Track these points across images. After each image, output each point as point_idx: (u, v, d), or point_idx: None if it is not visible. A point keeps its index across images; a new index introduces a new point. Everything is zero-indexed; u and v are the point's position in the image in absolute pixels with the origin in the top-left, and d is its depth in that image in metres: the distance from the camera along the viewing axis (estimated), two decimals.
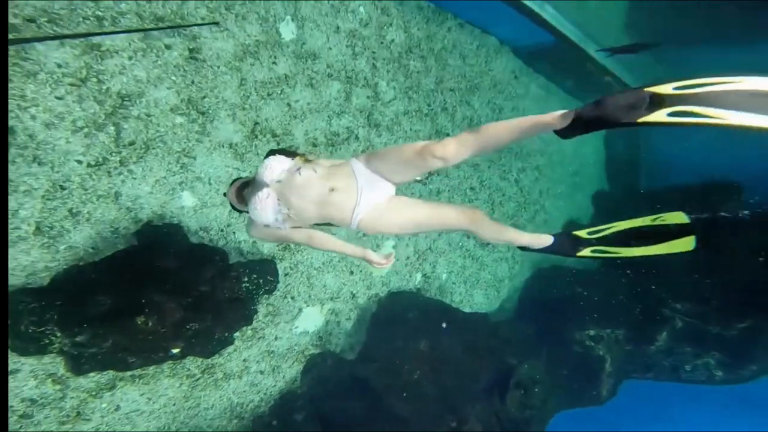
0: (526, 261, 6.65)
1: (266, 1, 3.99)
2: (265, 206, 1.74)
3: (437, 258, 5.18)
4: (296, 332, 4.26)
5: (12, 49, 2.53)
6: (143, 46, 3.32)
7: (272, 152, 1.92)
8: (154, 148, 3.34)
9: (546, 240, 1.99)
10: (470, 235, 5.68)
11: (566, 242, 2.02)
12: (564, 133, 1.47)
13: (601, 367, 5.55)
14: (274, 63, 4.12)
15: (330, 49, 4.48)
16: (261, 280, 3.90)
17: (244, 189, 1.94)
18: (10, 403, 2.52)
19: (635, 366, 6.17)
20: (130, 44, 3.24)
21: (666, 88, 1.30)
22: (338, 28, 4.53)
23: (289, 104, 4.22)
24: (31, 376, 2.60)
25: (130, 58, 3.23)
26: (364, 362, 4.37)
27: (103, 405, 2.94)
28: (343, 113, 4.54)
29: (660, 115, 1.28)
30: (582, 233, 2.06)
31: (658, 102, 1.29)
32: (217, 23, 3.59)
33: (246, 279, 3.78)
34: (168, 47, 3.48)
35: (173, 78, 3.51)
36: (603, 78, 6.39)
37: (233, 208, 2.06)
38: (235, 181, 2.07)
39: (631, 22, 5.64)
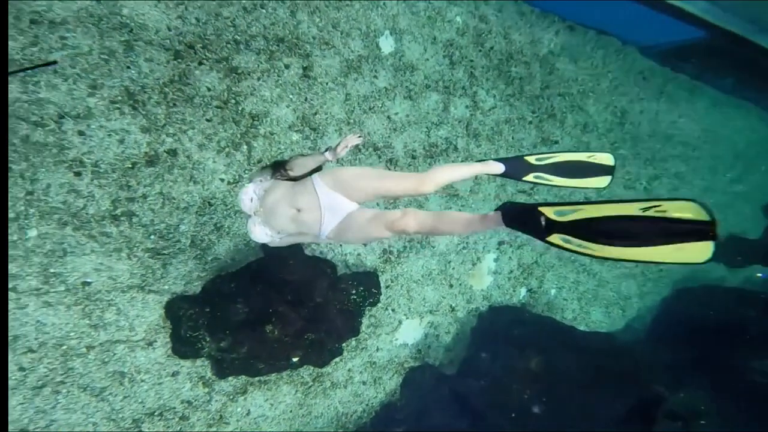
0: (663, 278, 5.98)
1: (364, 5, 4.04)
2: (256, 233, 1.91)
3: (544, 272, 4.90)
4: (396, 344, 4.24)
5: (176, 74, 2.76)
6: (268, 66, 3.51)
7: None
8: None
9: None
10: None
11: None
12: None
13: None
14: (375, 77, 4.19)
15: (427, 60, 4.46)
16: (366, 292, 3.94)
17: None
18: (171, 405, 2.72)
19: None
20: (258, 66, 3.44)
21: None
22: (435, 38, 4.51)
23: (389, 117, 4.25)
24: (187, 378, 2.80)
25: (258, 79, 3.43)
26: (464, 378, 4.23)
27: (238, 409, 3.10)
28: (442, 124, 4.49)
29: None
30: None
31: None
32: (55, 62, 2.65)
33: (354, 291, 3.84)
34: (287, 66, 3.65)
35: (290, 96, 3.68)
36: None
37: None
38: None
39: None
